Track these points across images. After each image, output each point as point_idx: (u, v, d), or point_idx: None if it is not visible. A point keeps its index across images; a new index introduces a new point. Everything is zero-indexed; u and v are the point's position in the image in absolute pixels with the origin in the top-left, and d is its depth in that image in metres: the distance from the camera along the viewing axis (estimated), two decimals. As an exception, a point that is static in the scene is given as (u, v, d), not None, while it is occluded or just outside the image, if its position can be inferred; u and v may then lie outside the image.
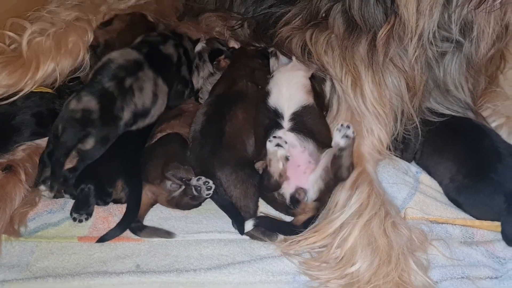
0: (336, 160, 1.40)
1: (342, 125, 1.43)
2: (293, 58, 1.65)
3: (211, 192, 1.41)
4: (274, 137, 1.41)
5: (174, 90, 1.73)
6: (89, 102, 1.53)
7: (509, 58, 1.77)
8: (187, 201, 1.47)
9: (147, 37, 1.78)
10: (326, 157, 1.42)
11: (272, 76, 1.63)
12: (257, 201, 1.45)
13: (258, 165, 1.45)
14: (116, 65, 1.62)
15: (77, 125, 1.50)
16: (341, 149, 1.40)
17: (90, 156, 1.51)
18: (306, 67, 1.63)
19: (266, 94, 1.57)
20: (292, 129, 1.47)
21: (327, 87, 1.64)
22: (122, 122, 1.56)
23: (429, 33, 1.44)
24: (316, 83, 1.61)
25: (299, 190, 1.41)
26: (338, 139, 1.42)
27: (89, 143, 1.51)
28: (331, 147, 1.47)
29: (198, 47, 1.84)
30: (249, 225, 1.38)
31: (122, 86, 1.57)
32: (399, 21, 1.43)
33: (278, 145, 1.39)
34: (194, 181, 1.41)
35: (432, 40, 1.47)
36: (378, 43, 1.48)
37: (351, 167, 1.43)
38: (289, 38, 1.69)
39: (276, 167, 1.38)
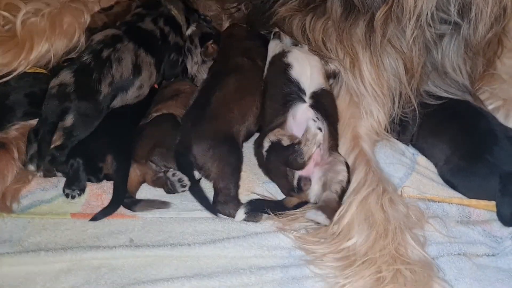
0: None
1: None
2: (305, 46, 1.64)
3: (186, 189, 1.39)
4: (318, 118, 1.39)
5: (168, 61, 1.72)
6: (64, 76, 1.53)
7: (507, 43, 1.78)
8: (168, 189, 1.45)
9: (124, 20, 1.78)
10: (330, 173, 1.37)
11: (289, 51, 1.60)
12: (238, 181, 1.42)
13: (281, 134, 1.39)
14: (96, 41, 1.62)
15: (54, 100, 1.50)
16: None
17: (74, 133, 1.50)
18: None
19: (287, 66, 1.55)
20: (313, 106, 1.46)
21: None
22: (101, 96, 1.53)
23: (427, 14, 1.44)
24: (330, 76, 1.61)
25: (306, 179, 1.38)
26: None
27: (69, 120, 1.50)
28: (338, 132, 1.47)
29: (189, 31, 1.83)
30: (240, 214, 1.35)
31: (99, 57, 1.57)
32: (397, 2, 1.43)
33: (319, 128, 1.35)
34: (169, 175, 1.40)
35: (431, 22, 1.47)
36: (376, 24, 1.48)
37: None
38: (288, 19, 1.68)
39: (310, 149, 1.33)
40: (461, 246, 1.32)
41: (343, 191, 1.35)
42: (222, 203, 1.39)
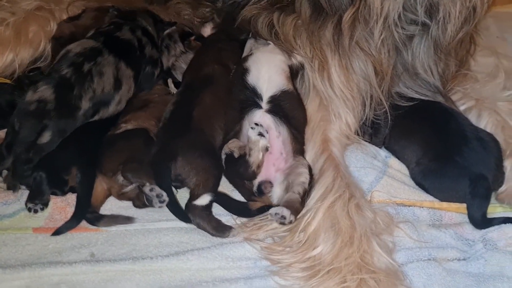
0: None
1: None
2: (270, 42, 1.61)
3: (163, 205, 1.34)
4: (256, 124, 1.36)
5: (144, 73, 1.68)
6: (44, 91, 1.47)
7: (479, 41, 1.76)
8: (137, 204, 1.42)
9: (99, 29, 1.72)
10: (293, 175, 1.36)
11: (252, 54, 1.59)
12: (216, 191, 1.39)
13: (233, 146, 1.38)
14: (74, 53, 1.57)
15: (32, 118, 1.45)
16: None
17: (46, 149, 1.46)
18: (285, 54, 1.59)
19: (245, 71, 1.53)
20: (270, 111, 1.44)
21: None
22: (81, 112, 1.49)
23: (394, 15, 1.42)
24: (295, 71, 1.58)
25: (267, 183, 1.37)
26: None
27: (45, 137, 1.45)
28: (303, 136, 1.45)
29: (168, 30, 1.80)
30: (205, 199, 1.32)
31: (80, 71, 1.52)
32: (364, 4, 1.42)
33: (260, 134, 1.33)
34: (146, 190, 1.35)
35: (399, 23, 1.46)
36: (344, 26, 1.47)
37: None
38: (254, 17, 1.65)
39: (256, 158, 1.32)
40: (431, 251, 1.30)
41: (305, 192, 1.34)
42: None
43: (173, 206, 1.37)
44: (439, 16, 1.44)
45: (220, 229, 1.34)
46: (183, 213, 1.36)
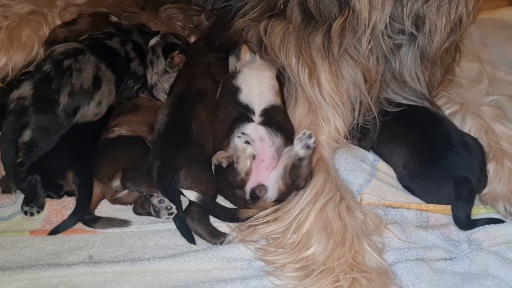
0: (294, 169, 1.36)
1: (304, 133, 1.36)
2: (257, 56, 1.65)
3: (171, 217, 1.37)
4: (243, 133, 1.38)
5: (126, 85, 1.70)
6: (24, 88, 1.51)
7: (464, 50, 1.82)
8: (140, 212, 1.44)
9: (91, 35, 1.75)
10: (286, 157, 1.40)
11: (240, 72, 1.61)
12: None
13: (221, 156, 1.40)
14: (57, 52, 1.61)
15: (12, 115, 1.48)
16: (300, 159, 1.35)
17: (34, 149, 1.48)
18: (272, 67, 1.62)
19: (236, 89, 1.55)
20: (263, 123, 1.47)
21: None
22: (60, 107, 1.51)
23: (382, 26, 1.46)
24: (281, 83, 1.61)
25: (260, 186, 1.39)
26: (298, 149, 1.35)
27: (27, 134, 1.48)
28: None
29: (152, 41, 1.80)
30: (192, 195, 1.35)
31: (59, 66, 1.55)
32: (352, 14, 1.45)
33: (247, 142, 1.36)
34: (155, 201, 1.38)
35: (386, 32, 1.50)
36: (333, 34, 1.50)
37: (310, 176, 1.39)
38: (244, 30, 1.69)
39: (243, 165, 1.35)
40: (419, 252, 1.34)
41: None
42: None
43: (181, 223, 1.39)
44: (426, 28, 1.49)
45: (216, 235, 1.37)
46: (189, 232, 1.38)
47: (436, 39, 1.52)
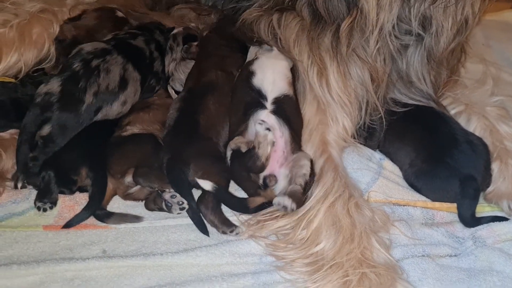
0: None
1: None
2: (274, 48, 1.67)
3: (183, 212, 1.39)
4: (263, 121, 1.42)
5: (148, 84, 1.73)
6: (53, 84, 1.53)
7: (469, 50, 1.85)
8: (152, 207, 1.46)
9: (115, 35, 1.78)
10: (291, 166, 1.43)
11: (257, 58, 1.64)
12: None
13: (239, 141, 1.43)
14: (86, 51, 1.63)
15: (36, 109, 1.50)
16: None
17: (49, 144, 1.50)
18: (288, 58, 1.64)
19: (250, 74, 1.58)
20: (274, 112, 1.49)
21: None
22: (83, 107, 1.53)
23: (389, 26, 1.49)
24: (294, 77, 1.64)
25: (271, 176, 1.42)
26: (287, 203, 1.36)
27: (46, 129, 1.50)
28: (301, 139, 1.52)
29: (176, 30, 1.84)
30: (208, 185, 1.38)
31: (88, 66, 1.58)
32: (360, 14, 1.48)
33: (268, 129, 1.39)
34: (167, 196, 1.40)
35: (393, 33, 1.52)
36: (341, 35, 1.52)
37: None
38: (255, 21, 1.70)
39: (265, 150, 1.38)
40: (425, 248, 1.37)
41: (306, 183, 1.40)
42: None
43: (194, 214, 1.41)
44: (432, 29, 1.51)
45: (228, 224, 1.39)
46: (203, 223, 1.40)
47: (443, 40, 1.55)
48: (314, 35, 1.59)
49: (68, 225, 1.40)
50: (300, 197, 1.37)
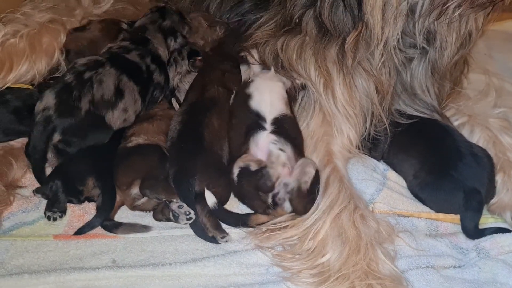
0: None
1: None
2: (272, 68, 1.69)
3: (190, 222, 1.41)
4: (276, 141, 1.45)
5: (152, 96, 1.75)
6: (48, 99, 1.57)
7: (472, 61, 1.87)
8: (160, 218, 1.49)
9: (109, 49, 1.79)
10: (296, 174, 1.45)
11: (252, 81, 1.66)
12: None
13: (248, 160, 1.45)
14: (79, 64, 1.67)
15: (39, 126, 1.54)
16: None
17: (66, 147, 1.55)
18: (283, 79, 1.67)
19: (247, 97, 1.61)
20: (274, 132, 1.52)
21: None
22: (82, 111, 1.56)
23: (394, 40, 1.51)
24: (296, 92, 1.67)
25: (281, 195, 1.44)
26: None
27: (56, 137, 1.54)
28: (303, 154, 1.54)
29: (179, 42, 1.87)
30: (211, 200, 1.41)
31: (81, 77, 1.61)
32: (366, 28, 1.50)
33: (281, 149, 1.42)
34: (174, 206, 1.42)
35: (398, 46, 1.54)
36: (347, 48, 1.54)
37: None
38: (262, 45, 1.73)
39: (276, 171, 1.41)
40: (429, 259, 1.39)
41: (313, 184, 1.42)
42: None
43: (195, 226, 1.44)
44: (437, 43, 1.54)
45: (220, 230, 1.41)
46: (205, 234, 1.43)
47: (447, 53, 1.57)
48: (320, 47, 1.61)
49: (79, 232, 1.43)
50: (304, 194, 1.39)
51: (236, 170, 1.46)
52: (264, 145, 1.49)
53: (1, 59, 1.75)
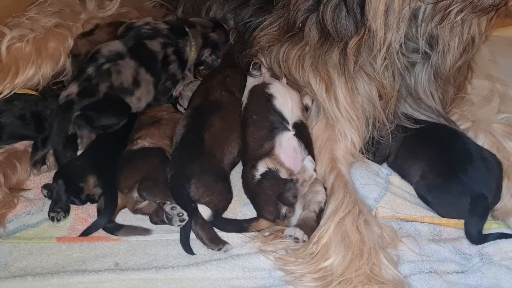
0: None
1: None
2: (284, 79, 1.70)
3: (183, 224, 1.41)
4: (312, 161, 1.46)
5: (164, 86, 1.79)
6: (71, 88, 1.65)
7: (475, 67, 1.87)
8: (155, 220, 1.49)
9: (138, 29, 1.83)
10: (310, 195, 1.45)
11: (270, 83, 1.67)
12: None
13: (278, 164, 1.43)
14: (101, 55, 1.71)
15: (62, 110, 1.62)
16: None
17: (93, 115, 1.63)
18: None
19: (270, 96, 1.62)
20: (296, 135, 1.53)
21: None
22: (101, 93, 1.64)
23: (396, 45, 1.51)
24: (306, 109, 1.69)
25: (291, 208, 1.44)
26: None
27: (75, 111, 1.63)
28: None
29: (209, 59, 1.93)
30: (206, 213, 1.41)
31: (100, 69, 1.68)
32: (368, 33, 1.50)
33: (315, 170, 1.43)
34: (167, 208, 1.42)
35: (401, 51, 1.54)
36: (349, 52, 1.54)
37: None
38: (267, 50, 1.74)
39: (304, 189, 1.41)
40: (432, 264, 1.39)
41: (321, 210, 1.42)
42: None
43: (185, 232, 1.44)
44: (439, 48, 1.54)
45: (216, 242, 1.41)
46: (187, 242, 1.42)
47: (449, 58, 1.57)
48: (321, 53, 1.61)
49: (85, 233, 1.44)
50: (313, 225, 1.38)
51: (261, 169, 1.44)
52: (288, 146, 1.50)
53: (8, 64, 1.77)
